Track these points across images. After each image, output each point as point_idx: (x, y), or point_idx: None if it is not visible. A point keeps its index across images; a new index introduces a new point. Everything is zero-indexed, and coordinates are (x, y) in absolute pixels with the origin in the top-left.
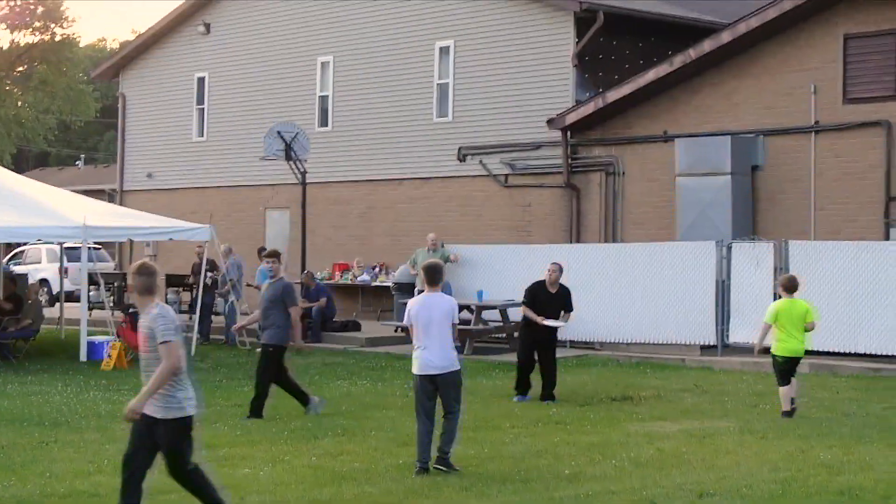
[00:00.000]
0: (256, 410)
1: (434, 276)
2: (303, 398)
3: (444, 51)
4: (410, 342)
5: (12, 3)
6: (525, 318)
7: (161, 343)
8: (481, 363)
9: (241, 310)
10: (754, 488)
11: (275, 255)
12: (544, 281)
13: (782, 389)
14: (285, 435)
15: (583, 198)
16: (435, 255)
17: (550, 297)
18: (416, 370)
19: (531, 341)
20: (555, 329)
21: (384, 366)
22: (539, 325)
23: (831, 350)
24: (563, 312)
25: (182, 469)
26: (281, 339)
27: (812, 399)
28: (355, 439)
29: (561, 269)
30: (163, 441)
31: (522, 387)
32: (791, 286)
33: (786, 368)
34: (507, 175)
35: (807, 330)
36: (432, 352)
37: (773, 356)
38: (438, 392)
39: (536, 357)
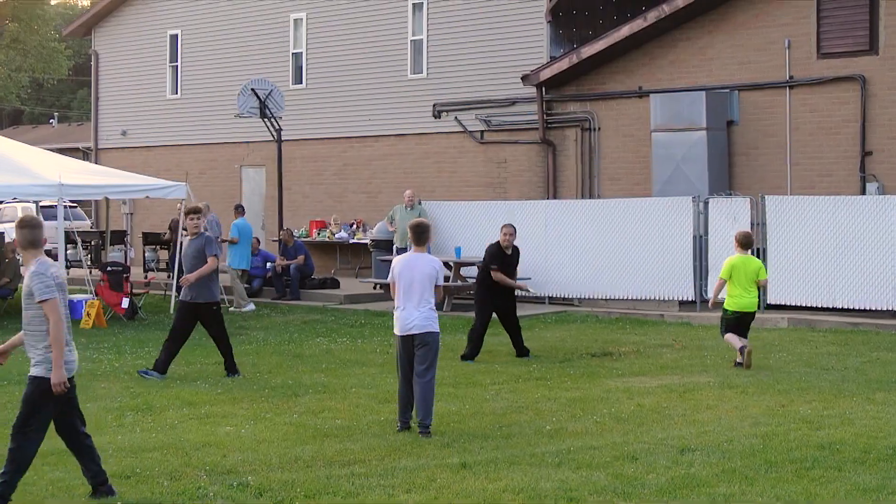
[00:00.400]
0: (232, 368)
1: (421, 235)
2: (163, 367)
3: (417, 7)
4: (390, 299)
5: None
6: (484, 281)
7: (40, 302)
8: (461, 319)
9: (221, 267)
10: (735, 443)
11: (197, 211)
12: (499, 243)
13: (727, 336)
14: (266, 392)
15: (558, 154)
16: (412, 212)
17: (510, 259)
18: (396, 330)
19: (492, 307)
20: (514, 292)
21: (363, 323)
22: (500, 288)
23: (809, 305)
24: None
25: (21, 425)
26: (213, 294)
27: (791, 354)
28: (336, 396)
29: (515, 231)
30: (27, 392)
31: (471, 353)
32: (747, 242)
33: (734, 323)
34: (482, 131)
35: (760, 286)
36: (412, 313)
37: (725, 310)
38: (415, 351)
39: (499, 319)
